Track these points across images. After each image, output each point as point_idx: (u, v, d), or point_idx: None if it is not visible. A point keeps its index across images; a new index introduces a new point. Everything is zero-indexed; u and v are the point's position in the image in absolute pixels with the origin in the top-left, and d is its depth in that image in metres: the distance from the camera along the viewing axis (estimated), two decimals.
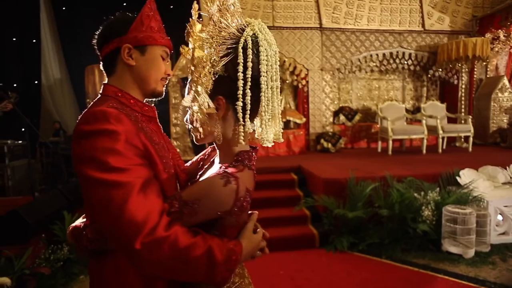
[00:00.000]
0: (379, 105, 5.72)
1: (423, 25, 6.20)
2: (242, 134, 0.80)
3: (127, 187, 0.71)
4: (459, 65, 5.99)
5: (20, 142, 5.31)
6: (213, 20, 0.79)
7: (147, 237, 0.69)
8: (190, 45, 0.82)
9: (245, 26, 0.79)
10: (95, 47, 0.92)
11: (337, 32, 6.01)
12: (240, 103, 0.78)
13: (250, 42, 0.77)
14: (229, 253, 0.76)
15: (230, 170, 0.78)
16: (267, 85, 0.79)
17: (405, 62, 6.36)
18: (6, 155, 4.95)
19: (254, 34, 0.78)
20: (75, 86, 7.14)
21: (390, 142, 5.21)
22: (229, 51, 0.78)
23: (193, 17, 0.82)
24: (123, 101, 0.87)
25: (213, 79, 0.80)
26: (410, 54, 6.26)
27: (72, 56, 6.97)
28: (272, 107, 0.81)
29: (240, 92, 0.77)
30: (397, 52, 6.23)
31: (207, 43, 0.80)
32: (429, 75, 6.66)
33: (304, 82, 5.96)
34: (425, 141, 5.25)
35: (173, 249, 0.70)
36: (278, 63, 0.82)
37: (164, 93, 0.96)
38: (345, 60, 6.08)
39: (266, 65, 0.78)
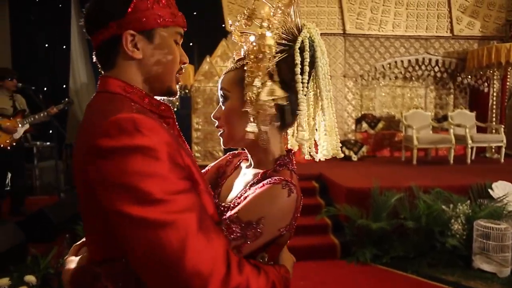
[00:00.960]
0: (403, 113, 5.55)
1: (451, 31, 5.98)
2: (304, 142, 0.73)
3: (182, 225, 0.54)
4: (491, 72, 5.73)
5: (48, 143, 5.52)
6: (281, 9, 0.71)
7: None
8: (259, 30, 0.70)
9: (301, 27, 0.72)
10: (84, 30, 0.71)
11: (361, 38, 5.90)
12: (302, 108, 0.70)
13: (308, 44, 0.70)
14: (284, 282, 0.69)
15: (284, 176, 0.69)
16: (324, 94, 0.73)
17: (432, 69, 6.15)
18: (35, 155, 5.16)
19: (310, 37, 0.71)
20: None
21: (415, 151, 5.02)
22: (284, 48, 0.71)
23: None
24: (135, 99, 0.66)
25: None
26: (437, 61, 6.04)
27: None
28: (329, 119, 0.75)
29: (301, 95, 0.70)
30: (423, 58, 6.03)
31: (278, 31, 0.71)
32: (457, 83, 6.41)
33: None
34: (452, 151, 5.03)
35: None
36: (329, 73, 0.76)
37: (178, 92, 0.76)
38: (369, 66, 5.95)
39: (322, 72, 0.72)
